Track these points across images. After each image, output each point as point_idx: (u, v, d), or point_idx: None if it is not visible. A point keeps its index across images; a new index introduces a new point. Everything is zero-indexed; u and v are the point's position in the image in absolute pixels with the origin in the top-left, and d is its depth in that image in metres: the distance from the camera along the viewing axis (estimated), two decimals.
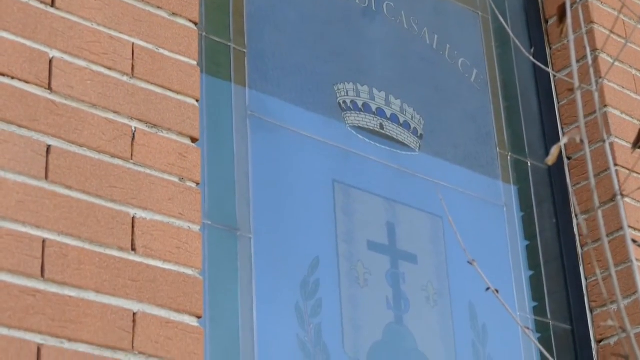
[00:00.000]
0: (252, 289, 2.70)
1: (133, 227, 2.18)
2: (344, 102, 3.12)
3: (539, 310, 3.33)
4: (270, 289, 2.76)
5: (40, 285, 1.98)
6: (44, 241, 2.02)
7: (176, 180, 2.30)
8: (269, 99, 2.97)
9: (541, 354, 3.18)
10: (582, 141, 1.57)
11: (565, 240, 3.45)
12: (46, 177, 2.08)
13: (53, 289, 2.00)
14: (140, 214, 2.21)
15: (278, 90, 3.01)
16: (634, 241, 2.54)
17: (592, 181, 1.57)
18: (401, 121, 3.22)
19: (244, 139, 2.83)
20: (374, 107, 3.18)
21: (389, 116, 3.20)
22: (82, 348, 2.00)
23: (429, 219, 3.20)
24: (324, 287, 2.88)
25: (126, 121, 2.27)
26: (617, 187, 1.66)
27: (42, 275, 1.99)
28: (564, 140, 1.58)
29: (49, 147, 2.11)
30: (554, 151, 1.52)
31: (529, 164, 3.52)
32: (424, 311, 3.07)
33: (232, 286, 2.68)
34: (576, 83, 1.61)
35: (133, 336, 2.08)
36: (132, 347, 2.07)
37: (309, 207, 2.94)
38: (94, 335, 2.02)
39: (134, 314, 2.10)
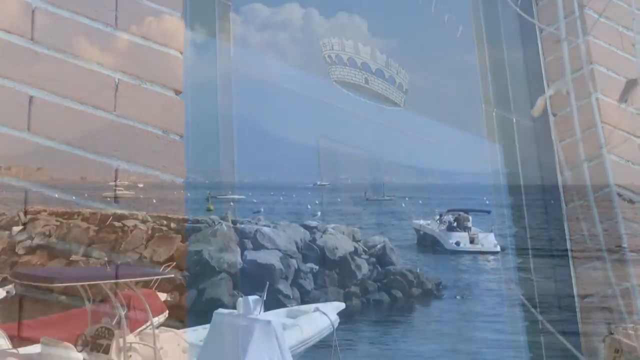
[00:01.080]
0: (234, 243, 2.69)
1: (116, 179, 2.17)
2: (329, 56, 3.11)
3: (523, 267, 3.34)
4: (255, 246, 2.76)
5: (26, 242, 1.97)
6: (26, 192, 2.00)
7: (159, 132, 2.28)
8: (253, 52, 2.95)
9: (524, 309, 3.19)
10: (568, 93, 1.57)
11: (550, 196, 3.45)
12: (28, 128, 2.06)
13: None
14: (123, 165, 2.19)
15: (263, 44, 2.99)
16: (619, 194, 2.52)
17: (578, 132, 1.56)
18: (386, 76, 3.21)
19: (228, 93, 2.82)
20: (359, 62, 3.16)
21: (374, 71, 3.19)
22: None
23: (414, 173, 3.20)
24: (310, 243, 2.87)
25: (109, 73, 2.25)
26: (602, 140, 1.65)
27: (25, 228, 1.98)
28: (549, 92, 1.57)
29: (31, 98, 2.08)
30: (540, 102, 1.52)
31: (514, 120, 3.51)
32: (410, 265, 3.08)
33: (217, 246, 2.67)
34: (563, 34, 1.60)
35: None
36: None
37: (294, 161, 2.94)
38: None
39: (117, 267, 2.09)
